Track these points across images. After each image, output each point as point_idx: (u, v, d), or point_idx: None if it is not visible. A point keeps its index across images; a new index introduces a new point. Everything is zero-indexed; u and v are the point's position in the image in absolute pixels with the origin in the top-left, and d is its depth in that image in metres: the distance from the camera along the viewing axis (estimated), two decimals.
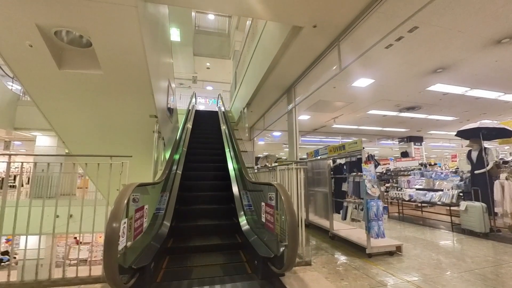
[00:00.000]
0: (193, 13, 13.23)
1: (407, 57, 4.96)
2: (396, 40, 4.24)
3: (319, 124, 10.96)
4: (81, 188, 12.67)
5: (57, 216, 3.15)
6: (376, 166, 3.74)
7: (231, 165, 5.60)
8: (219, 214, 4.20)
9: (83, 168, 3.21)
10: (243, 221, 3.61)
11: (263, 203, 2.92)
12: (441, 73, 5.71)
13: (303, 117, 9.56)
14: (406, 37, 4.17)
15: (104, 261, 1.67)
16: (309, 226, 5.54)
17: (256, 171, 6.96)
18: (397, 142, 15.70)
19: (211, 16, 16.05)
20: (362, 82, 6.04)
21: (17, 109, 10.10)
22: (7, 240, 12.02)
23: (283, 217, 2.69)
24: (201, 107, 16.32)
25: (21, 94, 10.16)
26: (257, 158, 14.71)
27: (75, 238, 12.39)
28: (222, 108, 10.40)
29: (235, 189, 4.66)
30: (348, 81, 6.00)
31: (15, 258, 10.61)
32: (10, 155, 2.65)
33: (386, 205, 5.91)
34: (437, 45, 4.50)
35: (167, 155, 5.21)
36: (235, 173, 5.26)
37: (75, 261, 2.56)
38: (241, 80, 9.04)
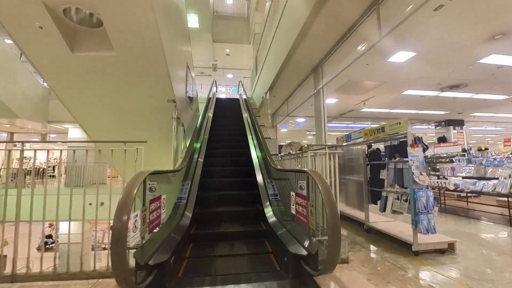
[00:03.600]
0: None
1: (460, 21, 4.17)
2: None
3: (347, 108, 10.20)
4: (112, 177, 13.25)
5: (90, 204, 3.18)
6: (424, 150, 3.18)
7: (254, 153, 5.29)
8: (244, 213, 3.93)
9: (105, 155, 3.09)
10: (269, 212, 3.29)
11: (292, 193, 2.56)
12: (499, 40, 4.80)
13: (330, 100, 8.89)
14: None
15: (112, 260, 1.44)
16: (340, 217, 5.11)
17: (279, 158, 6.60)
18: (433, 127, 14.31)
19: (229, 0, 15.51)
20: (401, 57, 5.29)
21: (49, 103, 10.60)
22: (51, 225, 13.25)
23: (316, 208, 2.33)
24: (222, 96, 16.13)
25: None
26: (280, 146, 14.28)
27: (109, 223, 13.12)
28: (244, 96, 10.05)
29: (259, 177, 4.37)
30: (384, 56, 5.28)
31: (57, 241, 11.52)
32: (23, 142, 2.55)
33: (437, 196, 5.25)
34: (501, 2, 3.68)
35: (188, 143, 5.02)
36: (258, 160, 4.95)
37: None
38: (262, 63, 8.56)
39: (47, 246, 13.52)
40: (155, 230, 2.31)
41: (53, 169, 14.02)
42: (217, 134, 6.37)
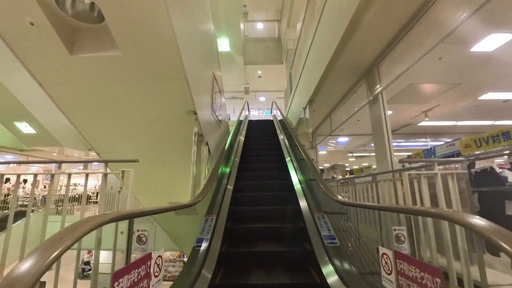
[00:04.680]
0: (241, 25, 12.88)
1: None
2: None
3: (402, 122, 8.57)
4: None
5: (121, 233, 2.66)
6: None
7: (295, 178, 4.19)
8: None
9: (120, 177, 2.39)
10: (331, 276, 2.05)
11: (386, 251, 1.38)
12: None
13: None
14: None
15: None
16: None
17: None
18: None
19: (259, 25, 15.60)
20: (491, 43, 3.89)
21: None
22: (89, 251, 13.57)
23: None
24: (254, 119, 15.69)
25: None
26: (321, 170, 12.81)
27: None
28: (278, 116, 9.27)
29: (304, 207, 3.22)
30: (467, 43, 3.95)
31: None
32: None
33: None
34: None
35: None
36: (302, 188, 3.83)
37: None
38: (297, 79, 7.74)
39: (84, 273, 13.58)
40: None
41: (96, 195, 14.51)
42: (248, 161, 5.44)
